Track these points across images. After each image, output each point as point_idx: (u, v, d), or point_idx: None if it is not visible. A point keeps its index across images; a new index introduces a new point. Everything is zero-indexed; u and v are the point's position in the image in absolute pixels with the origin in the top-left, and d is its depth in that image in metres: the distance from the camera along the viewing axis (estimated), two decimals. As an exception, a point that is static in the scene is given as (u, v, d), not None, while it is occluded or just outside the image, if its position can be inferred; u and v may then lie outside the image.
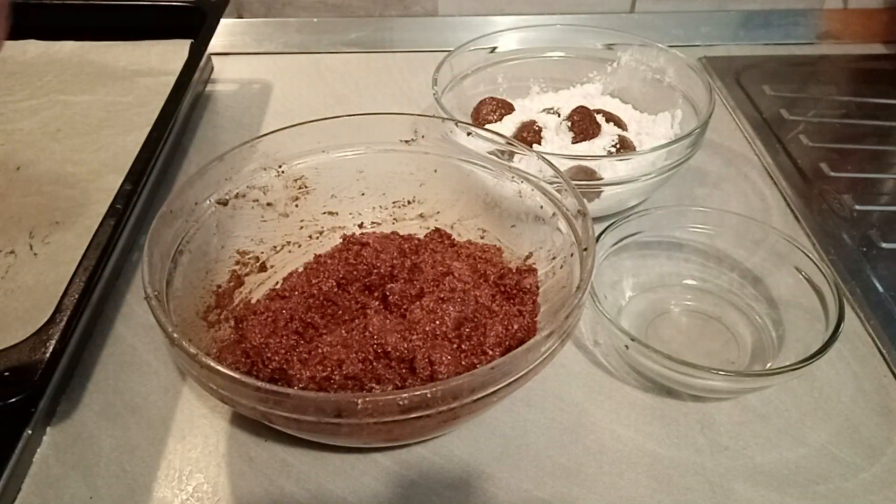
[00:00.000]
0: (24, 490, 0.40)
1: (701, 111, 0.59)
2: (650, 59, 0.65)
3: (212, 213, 0.46)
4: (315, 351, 0.41)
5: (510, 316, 0.43)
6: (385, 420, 0.33)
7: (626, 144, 0.58)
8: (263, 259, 0.50)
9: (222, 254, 0.47)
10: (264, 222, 0.50)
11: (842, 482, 0.41)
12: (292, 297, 0.45)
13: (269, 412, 0.34)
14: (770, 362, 0.46)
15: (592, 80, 0.69)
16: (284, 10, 0.86)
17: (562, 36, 0.68)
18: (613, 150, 0.57)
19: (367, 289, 0.47)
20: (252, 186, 0.48)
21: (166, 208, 0.42)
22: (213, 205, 0.46)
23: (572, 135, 0.59)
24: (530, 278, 0.46)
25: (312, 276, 0.46)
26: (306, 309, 0.44)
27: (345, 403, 0.33)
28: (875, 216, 0.60)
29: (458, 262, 0.46)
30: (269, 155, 0.49)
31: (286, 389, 0.34)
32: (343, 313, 0.45)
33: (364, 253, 0.47)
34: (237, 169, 0.47)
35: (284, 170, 0.49)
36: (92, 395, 0.46)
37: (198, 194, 0.45)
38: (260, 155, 0.48)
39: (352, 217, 0.53)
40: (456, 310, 0.42)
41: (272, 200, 0.50)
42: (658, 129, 0.61)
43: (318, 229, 0.52)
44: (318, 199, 0.52)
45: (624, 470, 0.42)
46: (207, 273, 0.46)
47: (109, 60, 0.72)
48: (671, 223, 0.51)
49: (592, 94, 0.67)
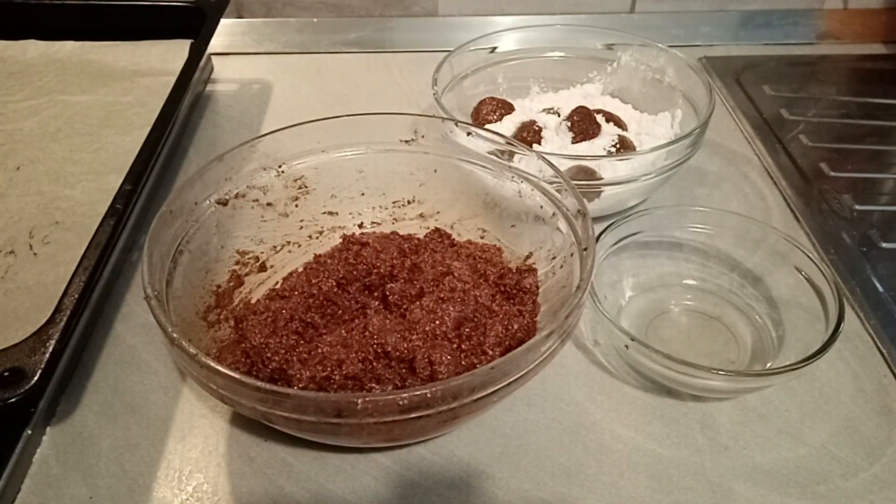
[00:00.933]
0: (24, 490, 0.40)
1: (701, 111, 0.59)
2: (650, 59, 0.65)
3: (212, 213, 0.46)
4: (315, 351, 0.41)
5: (510, 316, 0.43)
6: (385, 420, 0.33)
7: (626, 144, 0.58)
8: (263, 259, 0.50)
9: (222, 254, 0.47)
10: (264, 222, 0.50)
11: (842, 482, 0.41)
12: (292, 297, 0.45)
13: (269, 412, 0.34)
14: (770, 362, 0.46)
15: (592, 80, 0.69)
16: (284, 10, 0.86)
17: (562, 36, 0.68)
18: (613, 150, 0.57)
19: (367, 289, 0.47)
20: (252, 186, 0.48)
21: (166, 208, 0.42)
22: (212, 205, 0.46)
23: (572, 135, 0.59)
24: (530, 278, 0.46)
25: (312, 275, 0.46)
26: (306, 309, 0.44)
27: (345, 403, 0.33)
28: (875, 216, 0.60)
29: (458, 262, 0.46)
30: (269, 155, 0.49)
31: (286, 389, 0.34)
32: (343, 313, 0.45)
33: (364, 253, 0.47)
34: (237, 169, 0.47)
35: (284, 170, 0.49)
36: (92, 395, 0.46)
37: (198, 194, 0.45)
38: (260, 155, 0.48)
39: (352, 217, 0.53)
40: (456, 310, 0.42)
41: (272, 200, 0.50)
42: (658, 129, 0.61)
43: (318, 229, 0.52)
44: (318, 199, 0.52)
45: (624, 470, 0.42)
46: (207, 273, 0.46)
47: (109, 60, 0.72)
48: (671, 223, 0.51)
49: (592, 94, 0.67)
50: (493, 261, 0.49)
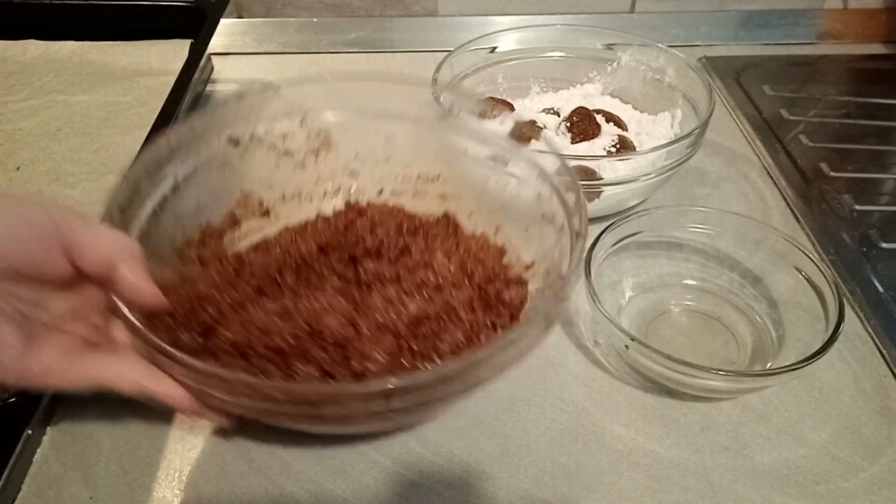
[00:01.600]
0: (24, 490, 0.40)
1: (701, 111, 0.59)
2: (650, 60, 0.65)
3: (220, 149, 0.44)
4: (255, 316, 0.38)
5: (479, 326, 0.40)
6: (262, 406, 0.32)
7: (626, 144, 0.58)
8: (268, 205, 0.48)
9: (222, 192, 0.45)
10: (277, 170, 0.48)
11: (842, 482, 0.41)
12: (271, 253, 0.43)
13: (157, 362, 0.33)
14: (770, 362, 0.46)
15: (592, 80, 0.69)
16: (284, 10, 0.86)
17: (562, 36, 0.68)
18: (613, 150, 0.57)
19: (351, 260, 0.44)
20: (271, 132, 0.46)
21: (165, 137, 0.40)
22: (223, 142, 0.44)
23: (571, 135, 0.59)
24: (514, 291, 0.43)
25: (300, 235, 0.44)
26: (278, 268, 0.42)
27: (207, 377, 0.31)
28: (875, 216, 0.60)
29: (445, 256, 0.43)
30: (296, 103, 0.46)
31: (169, 349, 0.31)
32: (317, 280, 0.43)
33: (358, 223, 0.45)
34: (257, 111, 0.45)
35: (309, 121, 0.47)
36: (92, 394, 0.45)
37: (207, 128, 0.43)
38: (285, 102, 0.46)
39: (372, 182, 0.50)
40: (418, 306, 0.39)
41: (290, 149, 0.48)
42: (658, 129, 0.61)
43: (335, 187, 0.50)
44: (340, 157, 0.49)
45: (624, 470, 0.42)
46: (199, 208, 0.44)
47: (109, 60, 0.72)
48: (671, 223, 0.51)
49: (592, 94, 0.67)
50: (488, 262, 0.45)
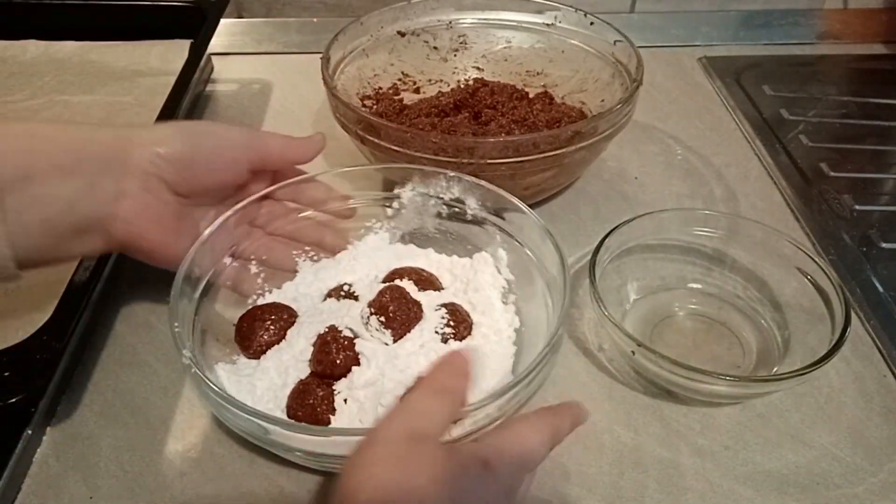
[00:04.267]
0: (24, 490, 0.41)
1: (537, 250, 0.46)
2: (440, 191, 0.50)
3: (390, 36, 0.66)
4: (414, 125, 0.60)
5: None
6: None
7: (459, 315, 0.45)
8: (419, 84, 0.69)
9: (390, 69, 0.67)
10: (428, 60, 0.69)
11: (844, 484, 0.41)
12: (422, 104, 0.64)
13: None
14: (776, 366, 0.46)
15: (373, 229, 0.53)
16: (284, 10, 0.86)
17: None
18: (448, 329, 0.44)
19: (475, 115, 0.63)
20: (426, 30, 0.68)
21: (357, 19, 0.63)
22: (393, 32, 0.66)
23: (391, 332, 0.43)
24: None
25: (443, 95, 0.65)
26: (427, 112, 0.61)
27: None
28: (875, 216, 0.60)
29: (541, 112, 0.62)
30: (445, 12, 0.68)
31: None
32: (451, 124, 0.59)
33: (482, 90, 0.64)
34: (418, 14, 0.67)
35: (452, 24, 0.69)
36: (92, 395, 0.46)
37: (383, 21, 0.65)
38: (439, 10, 0.68)
39: (493, 75, 0.69)
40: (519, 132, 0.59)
41: (438, 46, 0.69)
42: (482, 277, 0.48)
43: (466, 77, 0.69)
44: (472, 56, 0.70)
45: (624, 470, 0.42)
46: (374, 75, 0.66)
47: (109, 60, 0.72)
48: (675, 226, 0.51)
49: (380, 249, 0.52)
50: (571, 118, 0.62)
